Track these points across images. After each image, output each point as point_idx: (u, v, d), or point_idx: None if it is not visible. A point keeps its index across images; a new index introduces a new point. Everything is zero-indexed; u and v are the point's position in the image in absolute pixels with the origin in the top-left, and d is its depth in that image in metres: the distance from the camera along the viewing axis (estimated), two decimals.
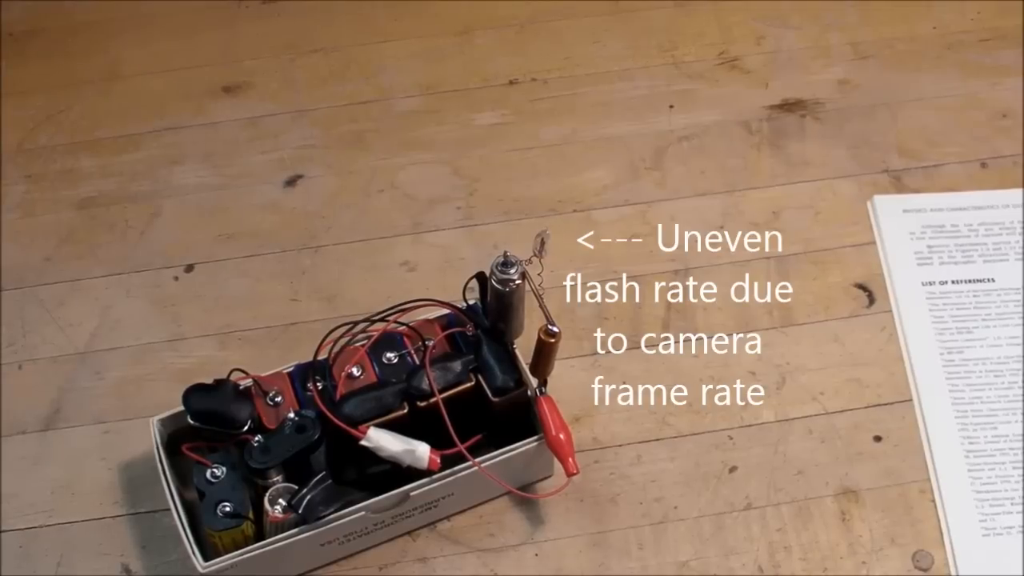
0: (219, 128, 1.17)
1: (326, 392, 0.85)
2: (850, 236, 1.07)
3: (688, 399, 0.97)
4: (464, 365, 0.86)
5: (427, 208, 1.10)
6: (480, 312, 0.89)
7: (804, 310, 1.02)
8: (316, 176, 1.13)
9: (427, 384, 0.84)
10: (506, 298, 0.84)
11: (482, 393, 0.86)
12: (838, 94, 1.17)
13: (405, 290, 1.01)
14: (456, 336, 0.89)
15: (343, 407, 0.83)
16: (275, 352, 0.99)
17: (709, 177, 1.12)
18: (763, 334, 1.01)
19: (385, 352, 0.88)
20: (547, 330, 0.83)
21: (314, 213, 1.10)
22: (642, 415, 0.96)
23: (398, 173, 1.13)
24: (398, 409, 0.84)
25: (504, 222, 1.08)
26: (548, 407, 0.86)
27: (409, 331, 0.89)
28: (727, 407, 0.96)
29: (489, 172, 1.12)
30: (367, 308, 0.95)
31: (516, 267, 0.82)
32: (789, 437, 0.95)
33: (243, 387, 0.87)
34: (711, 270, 1.05)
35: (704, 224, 1.08)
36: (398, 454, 0.82)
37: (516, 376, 0.86)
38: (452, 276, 1.02)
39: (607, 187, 1.11)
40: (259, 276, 1.06)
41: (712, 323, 1.01)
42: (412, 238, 1.08)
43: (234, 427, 0.84)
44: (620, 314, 1.02)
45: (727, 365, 0.99)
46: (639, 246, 1.07)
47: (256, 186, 1.12)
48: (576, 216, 1.09)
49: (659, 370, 0.98)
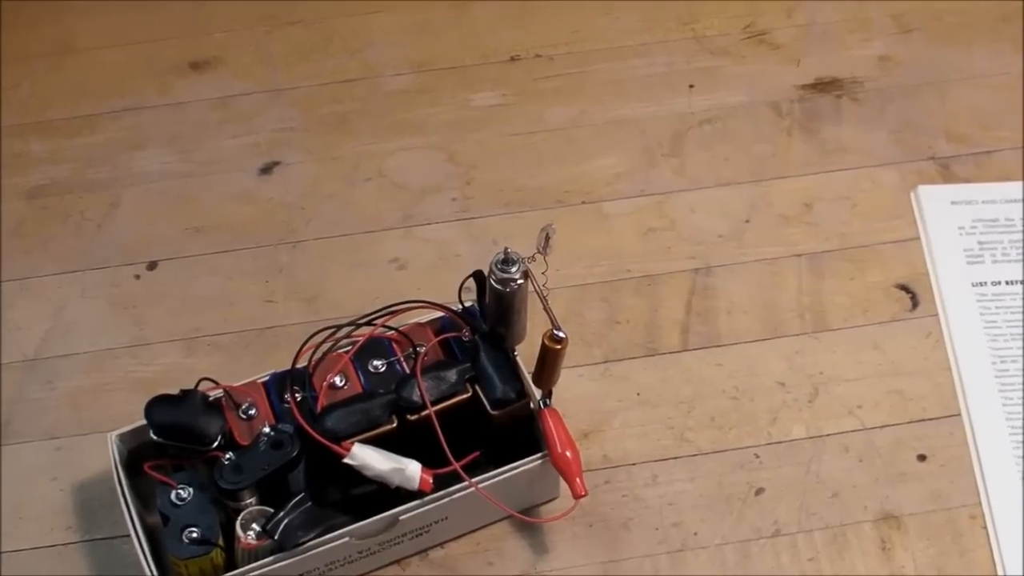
0: (186, 109, 1.17)
1: (305, 404, 0.85)
2: (891, 231, 1.07)
3: (710, 413, 0.97)
4: (460, 374, 0.86)
5: (419, 199, 1.10)
6: (478, 315, 0.90)
7: (840, 314, 1.02)
8: (295, 163, 1.13)
9: (418, 395, 0.84)
10: (507, 300, 0.84)
11: (480, 405, 0.86)
12: (879, 72, 1.18)
13: (394, 290, 1.02)
14: (451, 342, 0.89)
15: (324, 421, 0.83)
16: (248, 359, 1.00)
17: (733, 165, 1.12)
18: (794, 340, 1.01)
19: (371, 359, 0.88)
20: (552, 335, 0.83)
21: (292, 204, 1.10)
22: (658, 431, 0.96)
23: (386, 160, 1.13)
24: (386, 423, 0.84)
25: (505, 215, 1.09)
26: (553, 421, 0.86)
27: (398, 336, 0.89)
28: (753, 422, 0.96)
29: (488, 159, 1.13)
30: (351, 310, 0.95)
31: (518, 265, 0.82)
32: (823, 455, 0.95)
33: (213, 398, 0.87)
34: (736, 269, 1.05)
35: (728, 217, 1.08)
36: (386, 473, 0.82)
37: (517, 387, 0.86)
38: (446, 275, 1.02)
39: (619, 176, 1.11)
40: (231, 274, 1.06)
41: (737, 328, 1.01)
42: (402, 232, 1.08)
43: (202, 443, 0.84)
44: (634, 318, 1.02)
45: (753, 375, 0.99)
46: (655, 242, 1.07)
47: (227, 174, 1.12)
48: (585, 208, 1.09)
49: (677, 380, 0.98)
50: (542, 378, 0.86)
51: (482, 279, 0.87)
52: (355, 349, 0.88)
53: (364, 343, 0.88)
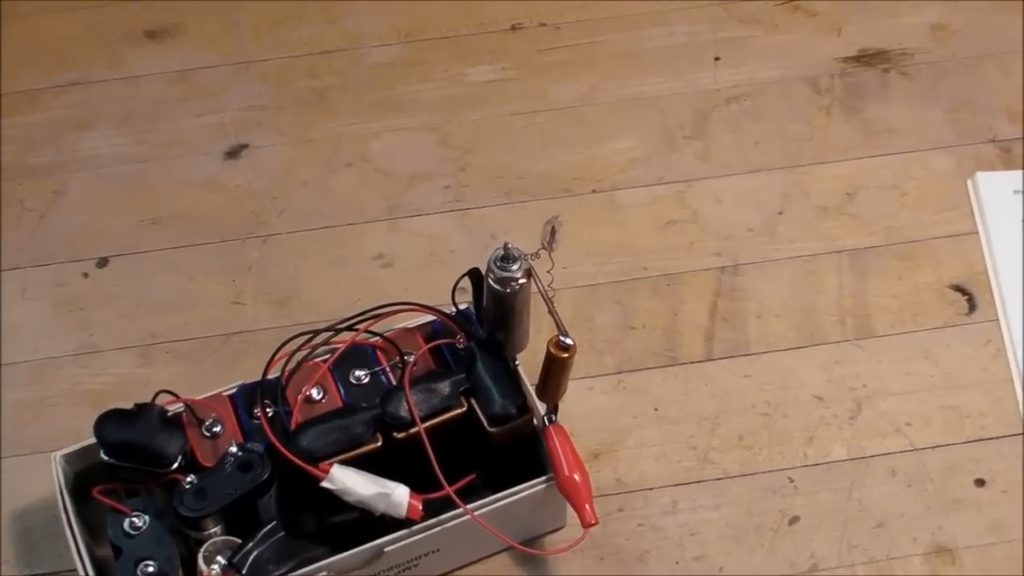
0: (141, 84, 1.17)
1: (278, 420, 0.85)
2: (945, 224, 1.08)
3: (738, 431, 0.97)
4: (453, 386, 0.86)
5: (407, 187, 1.11)
6: (474, 319, 0.90)
7: (886, 318, 1.03)
8: (265, 145, 1.13)
9: (406, 410, 0.84)
10: (507, 302, 0.85)
11: (476, 422, 0.86)
12: (931, 42, 1.18)
13: (379, 291, 1.02)
14: (443, 350, 0.90)
15: (300, 439, 0.83)
16: (213, 369, 1.00)
17: (765, 148, 1.12)
18: (833, 348, 1.01)
19: (353, 369, 0.88)
20: (558, 342, 0.83)
21: (263, 192, 1.10)
22: (679, 451, 0.96)
23: (370, 142, 1.13)
24: (369, 442, 0.84)
25: (505, 205, 1.09)
26: (560, 440, 0.86)
27: (384, 343, 0.89)
28: (787, 441, 0.97)
29: (485, 141, 1.13)
30: (330, 314, 0.95)
31: (519, 263, 0.83)
32: (866, 480, 0.95)
33: (172, 414, 0.87)
34: (767, 267, 1.05)
35: (759, 208, 1.09)
36: (369, 499, 0.82)
37: (519, 400, 0.87)
38: (438, 273, 1.02)
39: (635, 161, 1.12)
40: (192, 272, 1.06)
41: (768, 334, 1.02)
42: (387, 225, 1.08)
43: (160, 464, 0.84)
44: (651, 322, 1.02)
45: (787, 388, 0.99)
46: (676, 236, 1.07)
47: (188, 158, 1.13)
48: (596, 198, 1.10)
49: (700, 393, 0.99)
50: (547, 391, 0.86)
51: (479, 278, 0.87)
52: (334, 358, 0.88)
53: (344, 351, 0.88)
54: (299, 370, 0.87)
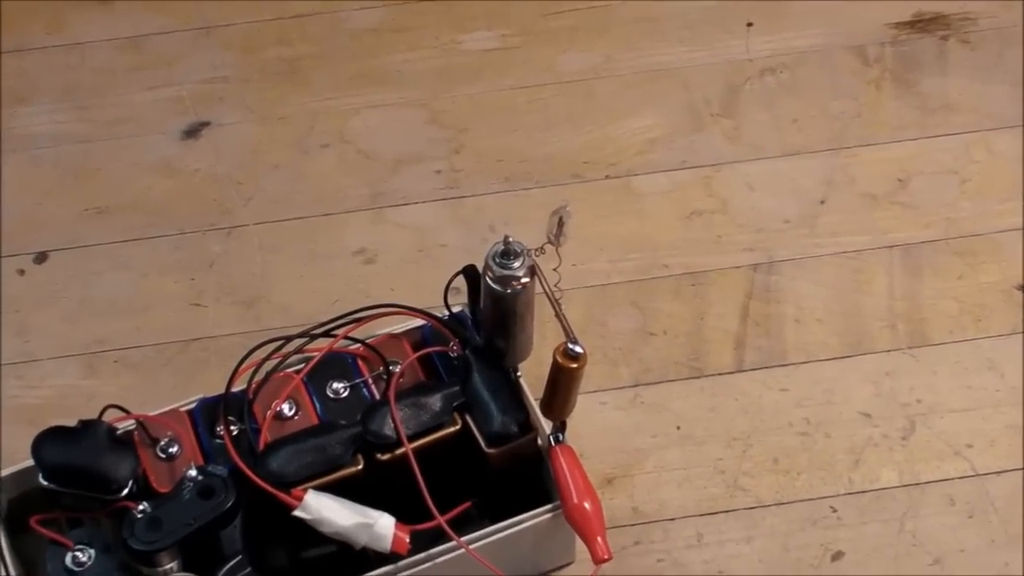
0: (85, 52, 1.18)
1: (244, 439, 0.85)
2: (1012, 215, 1.08)
3: (772, 452, 0.97)
4: (446, 401, 0.86)
5: (392, 171, 1.11)
6: (469, 324, 0.90)
7: (943, 324, 1.03)
8: (230, 123, 1.14)
9: (391, 428, 0.84)
10: (507, 304, 0.85)
11: (472, 442, 0.86)
12: (997, 6, 1.19)
13: (360, 291, 1.02)
14: (434, 359, 0.90)
15: (269, 461, 0.83)
16: (169, 380, 1.00)
17: (805, 128, 1.12)
18: (883, 358, 1.01)
19: (330, 381, 0.88)
20: (566, 351, 0.83)
21: (226, 177, 1.11)
22: (705, 475, 0.97)
23: (350, 120, 1.13)
24: (349, 464, 0.84)
25: (504, 193, 1.09)
26: (567, 463, 0.86)
27: (366, 351, 0.89)
28: (829, 464, 0.97)
29: (483, 120, 1.13)
30: (304, 317, 0.96)
31: (522, 259, 0.83)
32: (921, 509, 0.95)
33: (121, 432, 0.87)
34: (807, 264, 1.05)
35: (797, 196, 1.09)
36: (348, 530, 0.82)
37: (521, 417, 0.87)
38: (429, 271, 1.03)
39: (655, 142, 1.12)
40: (145, 269, 1.06)
41: (808, 342, 1.02)
42: (371, 215, 1.08)
43: (108, 490, 0.84)
44: (673, 327, 1.03)
45: (830, 403, 1.00)
46: (701, 228, 1.07)
47: (141, 137, 1.13)
48: (610, 185, 1.10)
49: (730, 410, 0.99)
50: (553, 406, 0.86)
51: (476, 277, 0.87)
52: (308, 368, 0.88)
53: (321, 360, 0.88)
54: (268, 382, 0.87)
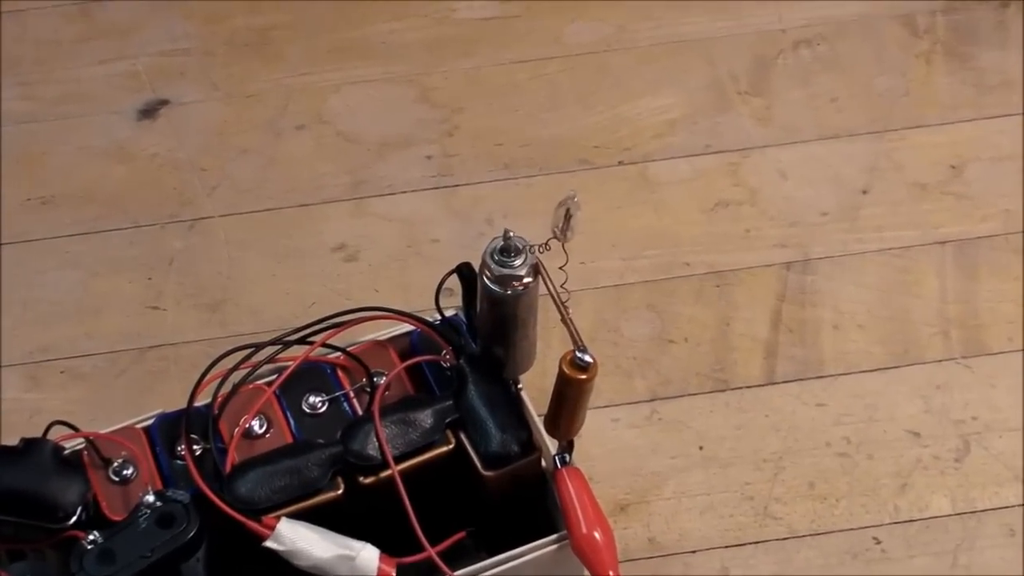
0: (28, 21, 1.18)
1: (208, 460, 0.85)
2: None
3: (808, 476, 0.97)
4: (437, 417, 0.86)
5: (377, 156, 1.11)
6: (464, 329, 0.90)
7: (1002, 330, 1.03)
8: (192, 102, 1.14)
9: (376, 447, 0.84)
10: (507, 307, 0.84)
11: (467, 463, 0.86)
12: None
13: (340, 292, 1.02)
14: (424, 369, 0.90)
15: (237, 485, 0.83)
16: (122, 394, 1.00)
17: (845, 108, 1.13)
18: (934, 369, 1.02)
19: (306, 395, 0.88)
20: (574, 360, 0.83)
21: (188, 163, 1.11)
22: (731, 502, 0.97)
23: (329, 98, 1.14)
24: (328, 489, 0.84)
25: (504, 181, 1.10)
26: (575, 487, 0.86)
27: (346, 360, 0.89)
28: (873, 490, 0.97)
29: (479, 98, 1.13)
30: (276, 323, 0.96)
31: (524, 256, 0.83)
32: (977, 540, 0.95)
33: (69, 452, 0.87)
34: (847, 262, 1.06)
35: (836, 185, 1.09)
36: (327, 562, 0.82)
37: (522, 435, 0.87)
38: (418, 270, 1.03)
39: (675, 123, 1.12)
40: (96, 267, 1.07)
41: (848, 351, 1.02)
42: (352, 206, 1.09)
43: (54, 518, 0.84)
44: (695, 334, 1.03)
45: (873, 420, 0.99)
46: (728, 221, 1.08)
47: (91, 117, 1.13)
48: (624, 172, 1.10)
49: (760, 427, 0.99)
50: (559, 423, 0.86)
51: (472, 277, 0.87)
52: (281, 379, 0.88)
53: (295, 371, 0.88)
54: (236, 396, 0.87)
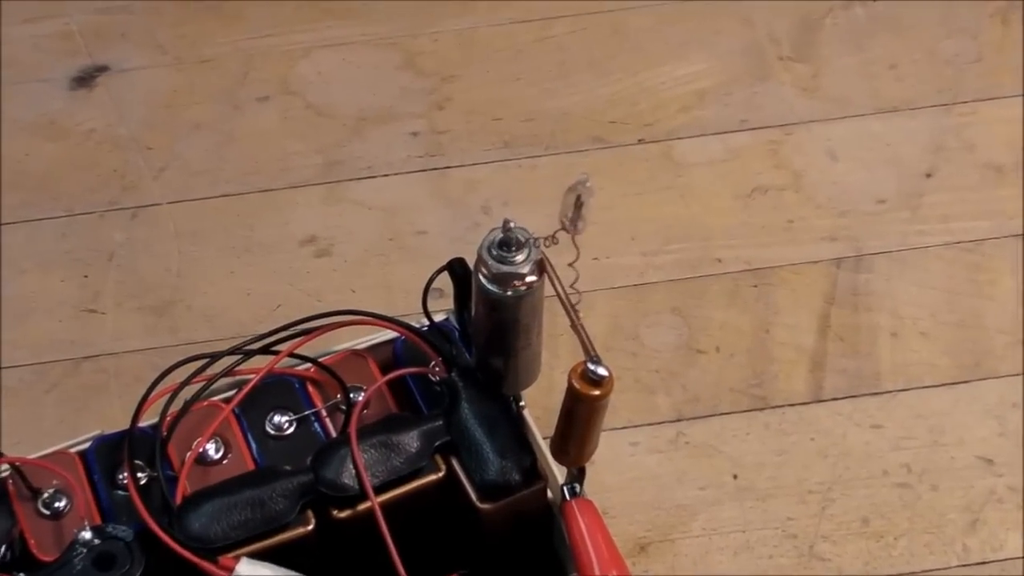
0: None
1: (156, 490, 0.85)
2: None
3: (861, 510, 0.97)
4: (425, 440, 0.86)
5: (354, 133, 1.11)
6: (457, 337, 0.90)
7: None
8: (135, 68, 1.14)
9: (352, 475, 0.84)
10: (507, 311, 0.84)
11: (460, 494, 0.86)
12: None
13: (310, 293, 1.02)
14: (409, 384, 0.90)
15: (189, 519, 0.83)
16: (54, 412, 1.00)
17: (906, 76, 1.13)
18: (1009, 385, 1.01)
19: (271, 414, 0.88)
20: (586, 373, 0.82)
21: (131, 140, 1.11)
22: (770, 540, 0.96)
23: (297, 64, 1.14)
24: (296, 524, 0.84)
25: (504, 163, 1.10)
26: (588, 523, 0.86)
27: (318, 373, 0.89)
28: (938, 527, 0.97)
29: (475, 64, 1.14)
30: (235, 329, 0.97)
31: (527, 251, 0.82)
32: None
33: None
34: (908, 258, 1.06)
35: (895, 168, 1.09)
36: None
37: (525, 461, 0.86)
38: (402, 267, 1.03)
39: (704, 95, 1.12)
40: (23, 263, 1.07)
41: (909, 362, 1.02)
42: (324, 191, 1.09)
43: None
44: (729, 343, 1.02)
45: (938, 444, 0.99)
46: (767, 211, 1.08)
47: (17, 86, 1.14)
48: (645, 152, 1.10)
49: (804, 452, 0.99)
50: (568, 447, 0.86)
51: (466, 275, 0.87)
52: (241, 396, 0.88)
53: (258, 385, 0.88)
54: (188, 415, 0.87)
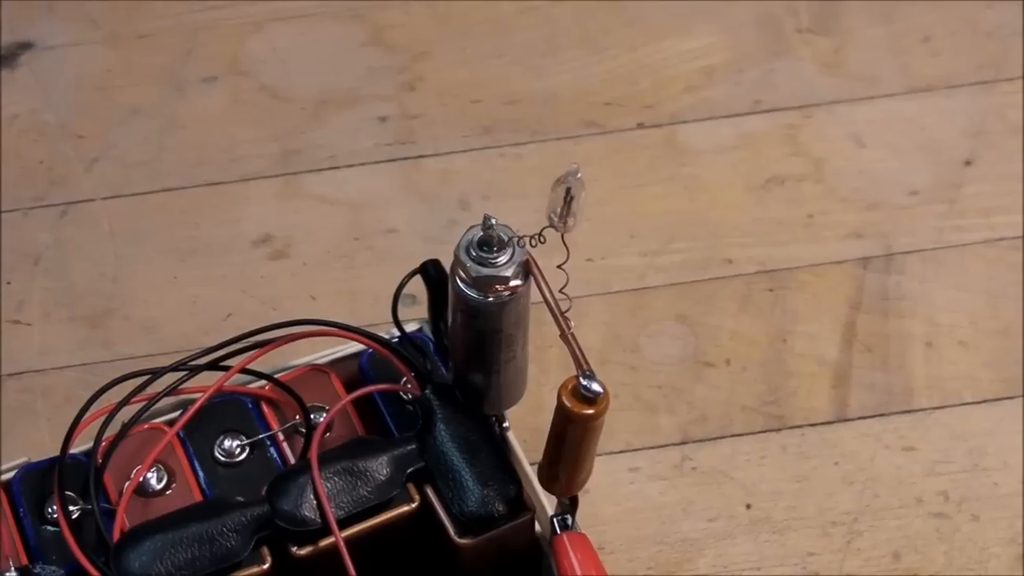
0: None
1: (90, 525, 0.83)
2: None
3: (893, 544, 0.96)
4: (396, 466, 0.85)
5: (313, 118, 1.11)
6: (432, 350, 0.89)
7: None
8: (63, 45, 1.14)
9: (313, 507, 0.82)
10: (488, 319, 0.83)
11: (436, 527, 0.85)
12: None
13: (264, 301, 1.02)
14: (378, 402, 0.89)
15: (128, 558, 0.81)
16: None
17: (942, 50, 1.13)
18: None
19: (220, 438, 0.87)
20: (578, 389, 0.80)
21: (59, 128, 1.11)
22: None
23: (248, 40, 1.14)
24: (250, 562, 0.82)
25: (483, 151, 1.09)
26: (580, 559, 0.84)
27: (274, 392, 0.88)
28: (979, 561, 0.96)
29: (450, 39, 1.14)
30: (179, 342, 0.96)
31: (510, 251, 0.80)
32: None
33: None
34: (944, 258, 1.05)
35: (930, 155, 1.09)
36: None
37: (509, 490, 0.85)
38: (368, 270, 1.02)
39: (713, 72, 1.12)
40: None
41: (946, 376, 1.01)
42: (280, 185, 1.08)
43: None
44: (741, 355, 1.02)
45: (980, 470, 0.99)
46: (784, 204, 1.08)
47: None
48: (645, 138, 1.10)
49: (828, 479, 0.98)
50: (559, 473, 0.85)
51: (439, 279, 0.86)
52: (187, 417, 0.87)
53: (205, 406, 0.87)
54: (126, 439, 0.86)
